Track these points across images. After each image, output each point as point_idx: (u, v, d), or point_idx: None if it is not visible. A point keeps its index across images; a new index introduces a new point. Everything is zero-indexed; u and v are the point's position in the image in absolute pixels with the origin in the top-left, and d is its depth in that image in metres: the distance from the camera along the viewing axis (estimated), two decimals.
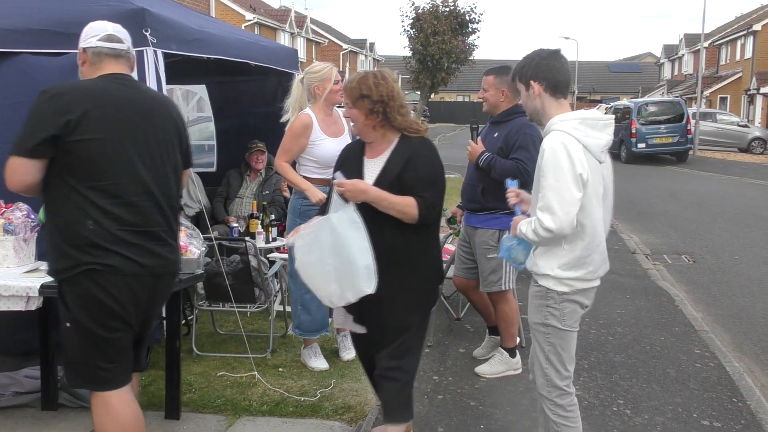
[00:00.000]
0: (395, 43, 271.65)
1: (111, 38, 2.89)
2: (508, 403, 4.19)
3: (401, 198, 2.96)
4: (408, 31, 15.56)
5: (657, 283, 7.26)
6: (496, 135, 4.46)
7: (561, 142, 2.75)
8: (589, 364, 4.83)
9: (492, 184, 4.38)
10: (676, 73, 54.12)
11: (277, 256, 5.34)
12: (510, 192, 3.10)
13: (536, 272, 2.94)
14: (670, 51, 56.28)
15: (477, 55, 16.61)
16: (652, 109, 22.84)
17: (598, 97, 60.53)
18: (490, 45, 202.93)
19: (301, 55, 36.95)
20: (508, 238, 3.02)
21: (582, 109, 3.09)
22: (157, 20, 4.32)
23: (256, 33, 27.41)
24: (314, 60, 34.97)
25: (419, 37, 15.19)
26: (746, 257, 8.79)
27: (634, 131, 21.61)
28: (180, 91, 7.09)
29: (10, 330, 3.95)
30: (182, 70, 5.78)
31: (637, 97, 40.96)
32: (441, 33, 15.01)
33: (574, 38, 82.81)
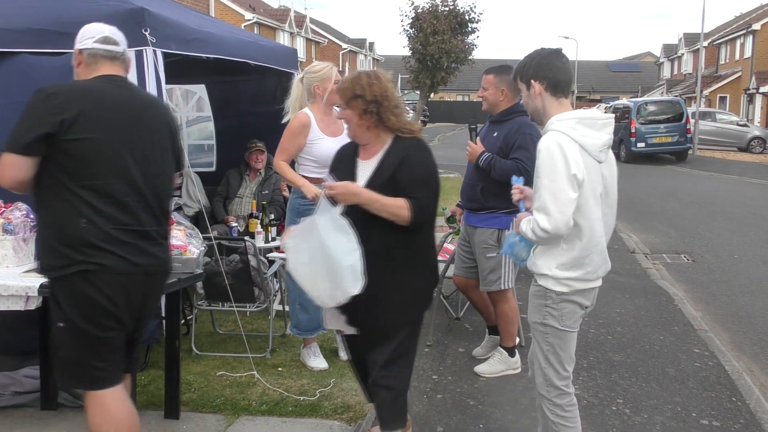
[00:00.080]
0: (395, 43, 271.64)
1: (107, 40, 2.91)
2: (507, 403, 4.19)
3: (393, 200, 2.92)
4: (407, 30, 15.56)
5: (656, 283, 7.26)
6: (495, 134, 4.46)
7: (556, 142, 2.75)
8: (589, 364, 4.83)
9: (491, 183, 4.39)
10: (676, 72, 54.14)
11: (276, 255, 5.34)
12: (514, 188, 3.10)
13: (535, 271, 2.94)
14: (670, 50, 56.30)
15: (476, 54, 16.62)
16: (651, 108, 22.83)
17: (597, 96, 60.52)
18: (489, 44, 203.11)
19: (301, 54, 36.95)
20: (512, 234, 3.01)
21: (581, 109, 3.08)
22: (156, 20, 4.32)
23: (255, 33, 27.40)
24: (314, 60, 34.96)
25: (419, 36, 15.18)
26: (745, 256, 8.79)
27: (633, 131, 21.61)
28: (179, 91, 7.09)
29: (9, 330, 3.96)
30: (182, 69, 5.78)
31: (637, 97, 40.99)
32: (440, 32, 15.01)
33: (574, 38, 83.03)
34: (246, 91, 7.03)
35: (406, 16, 15.51)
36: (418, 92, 16.49)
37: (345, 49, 52.03)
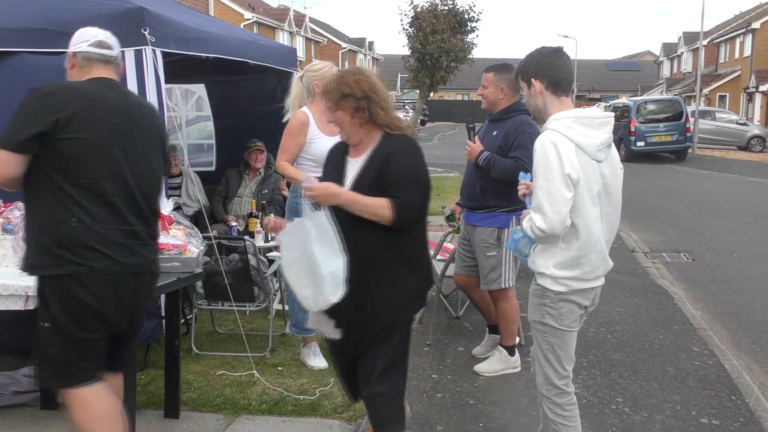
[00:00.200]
0: (394, 42, 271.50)
1: (101, 44, 2.95)
2: (507, 402, 4.19)
3: (374, 200, 2.82)
4: (407, 29, 15.53)
5: (656, 282, 7.26)
6: (495, 133, 4.46)
7: (551, 141, 2.74)
8: (588, 363, 4.84)
9: (491, 182, 4.39)
10: (675, 71, 54.13)
11: (276, 255, 5.34)
12: (521, 184, 3.10)
13: (534, 270, 2.94)
14: (669, 49, 56.29)
15: (476, 53, 16.59)
16: (651, 107, 22.84)
17: (597, 95, 60.45)
18: (489, 44, 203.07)
19: (300, 54, 36.94)
20: (517, 230, 3.02)
21: (581, 108, 3.08)
22: (155, 19, 4.33)
23: (255, 32, 27.40)
24: (313, 59, 34.91)
25: (418, 35, 15.16)
26: (745, 255, 8.79)
27: (633, 129, 21.61)
28: (179, 90, 7.09)
29: (8, 329, 3.95)
30: (181, 69, 5.78)
31: (636, 96, 40.98)
32: (440, 31, 14.98)
33: (573, 36, 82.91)
34: (245, 91, 7.03)
35: (406, 15, 15.50)
36: (418, 91, 16.44)
37: (344, 48, 52.02)
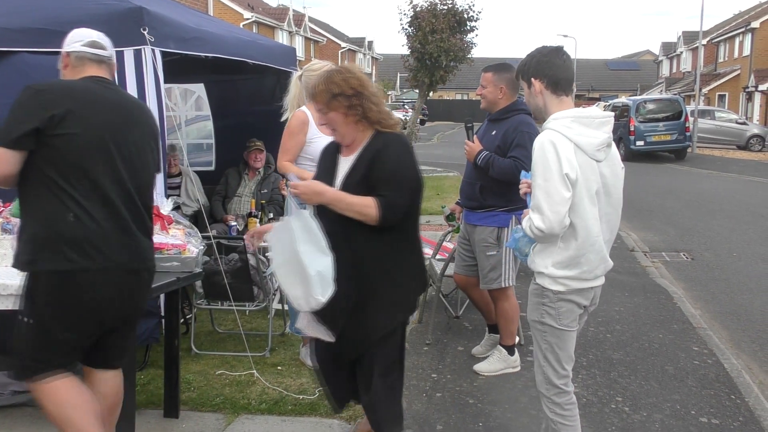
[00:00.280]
0: (393, 42, 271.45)
1: (94, 44, 2.99)
2: (506, 401, 4.19)
3: (359, 198, 2.78)
4: (406, 29, 15.51)
5: (655, 281, 7.27)
6: (494, 133, 4.45)
7: (549, 140, 2.74)
8: (588, 362, 4.84)
9: (490, 182, 4.39)
10: (675, 70, 54.13)
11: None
12: (522, 183, 3.10)
13: (534, 269, 2.94)
14: (669, 48, 56.29)
15: (475, 53, 16.55)
16: (650, 106, 22.82)
17: (596, 94, 60.50)
18: (488, 43, 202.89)
19: (300, 53, 36.95)
20: (518, 228, 3.02)
21: (581, 107, 3.08)
22: (155, 19, 4.33)
23: (254, 31, 27.39)
24: (313, 58, 34.89)
25: (417, 35, 15.14)
26: (744, 254, 8.80)
27: (632, 129, 21.60)
28: (178, 90, 7.09)
29: (8, 329, 3.94)
30: (180, 68, 5.78)
31: (636, 95, 40.98)
32: (439, 31, 14.96)
33: (573, 36, 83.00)
34: (245, 90, 7.04)
35: (405, 14, 15.48)
36: (417, 91, 16.44)
37: (344, 47, 52.01)
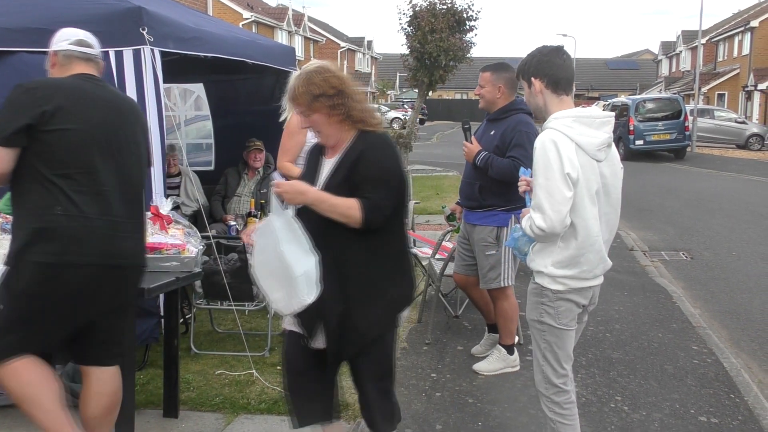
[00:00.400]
0: (393, 41, 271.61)
1: (81, 43, 3.02)
2: (506, 400, 4.19)
3: (343, 200, 2.69)
4: (405, 28, 15.48)
5: (655, 280, 7.27)
6: (492, 133, 4.45)
7: (551, 140, 2.74)
8: (587, 361, 4.84)
9: (489, 182, 4.39)
10: (674, 69, 54.14)
11: None
12: (521, 180, 3.10)
13: (533, 268, 2.94)
14: (668, 48, 56.31)
15: (475, 52, 16.51)
16: (649, 106, 22.84)
17: (596, 94, 60.50)
18: (487, 42, 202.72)
19: (299, 53, 36.93)
20: (517, 228, 3.02)
21: (580, 106, 3.08)
22: (154, 18, 4.32)
23: (253, 31, 27.39)
24: (312, 58, 34.92)
25: (417, 34, 15.10)
26: (744, 254, 8.80)
27: (632, 128, 21.61)
28: (177, 90, 7.09)
29: None
30: (180, 68, 5.78)
31: (635, 94, 40.99)
32: (438, 30, 14.93)
33: (572, 35, 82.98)
34: (244, 90, 7.04)
35: (404, 14, 15.44)
36: (416, 90, 16.42)
37: (343, 47, 52.02)
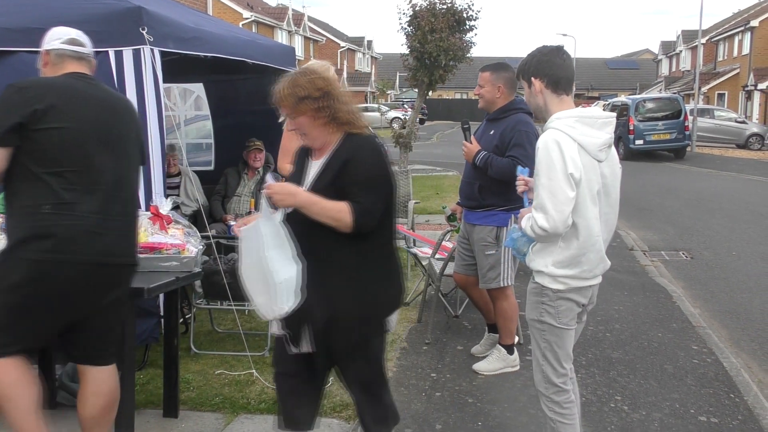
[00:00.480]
0: (393, 41, 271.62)
1: (74, 42, 3.02)
2: (505, 400, 4.19)
3: (334, 203, 2.64)
4: (405, 28, 15.46)
5: (655, 280, 7.27)
6: (492, 132, 4.45)
7: (554, 140, 2.74)
8: (587, 361, 4.84)
9: (489, 181, 4.39)
10: (674, 69, 54.14)
11: None
12: (519, 180, 3.10)
13: (533, 268, 2.94)
14: (668, 47, 56.32)
15: (474, 52, 16.49)
16: (649, 105, 22.84)
17: (596, 93, 60.50)
18: (487, 42, 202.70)
19: (299, 53, 36.94)
20: (515, 228, 3.02)
21: (581, 107, 3.08)
22: (154, 18, 4.32)
23: (253, 31, 27.39)
24: (312, 58, 34.99)
25: (416, 34, 15.08)
26: (744, 253, 8.80)
27: (631, 128, 21.61)
28: (177, 90, 7.09)
29: None
30: (179, 68, 5.77)
31: (635, 94, 40.98)
32: (438, 30, 14.91)
33: (572, 35, 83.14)
34: (244, 90, 7.03)
35: (404, 14, 15.42)
36: (416, 90, 16.41)
37: (343, 47, 52.01)
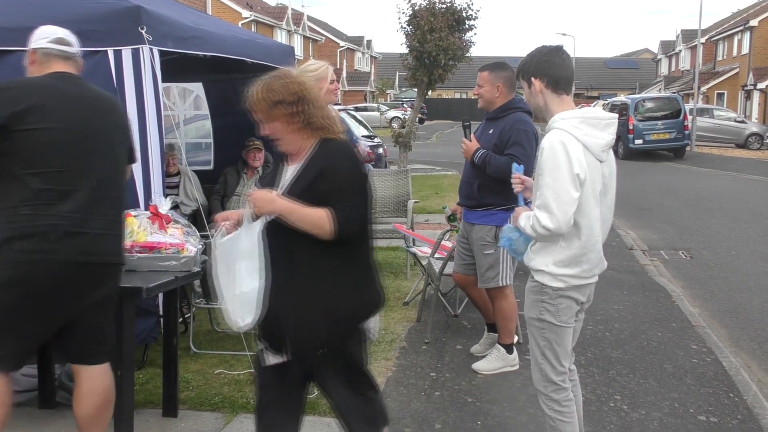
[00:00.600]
0: (392, 40, 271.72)
1: (61, 41, 3.01)
2: (505, 400, 4.19)
3: (314, 210, 2.58)
4: (405, 28, 15.45)
5: (654, 279, 7.27)
6: (491, 131, 4.46)
7: (560, 140, 2.75)
8: (586, 360, 4.84)
9: (488, 180, 4.39)
10: (673, 69, 54.17)
11: None
12: (515, 178, 3.09)
13: (532, 267, 2.95)
14: (667, 47, 56.35)
15: (474, 52, 16.49)
16: (649, 105, 22.87)
17: (595, 93, 60.55)
18: (487, 42, 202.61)
19: (298, 52, 36.94)
20: (510, 228, 3.01)
21: (580, 106, 3.08)
22: (153, 17, 4.32)
23: (252, 30, 27.38)
24: (311, 57, 34.97)
25: (416, 34, 15.08)
26: (743, 253, 8.80)
27: (631, 127, 21.62)
28: (176, 89, 7.09)
29: None
30: (179, 67, 5.77)
31: (634, 93, 41.01)
32: (438, 30, 14.91)
33: (572, 34, 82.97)
34: (243, 89, 7.00)
35: (404, 13, 15.41)
36: (416, 89, 16.41)
37: (342, 46, 52.01)
